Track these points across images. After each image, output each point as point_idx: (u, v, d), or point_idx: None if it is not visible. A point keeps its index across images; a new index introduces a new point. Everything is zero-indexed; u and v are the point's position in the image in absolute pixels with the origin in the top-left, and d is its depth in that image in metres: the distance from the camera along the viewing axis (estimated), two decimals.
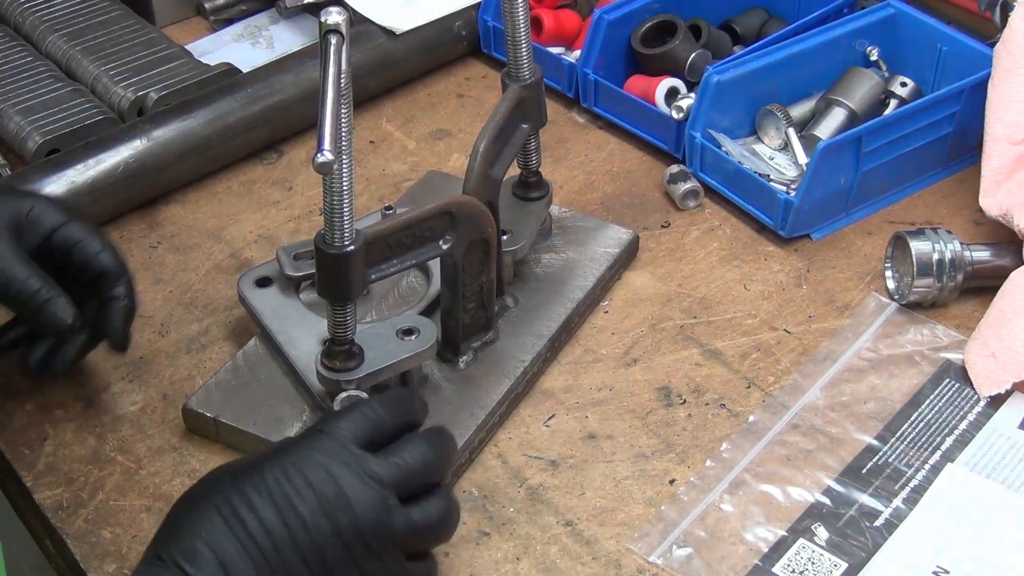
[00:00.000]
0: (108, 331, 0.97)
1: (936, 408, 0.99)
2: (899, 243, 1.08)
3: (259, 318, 1.03)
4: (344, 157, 0.85)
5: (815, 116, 1.22)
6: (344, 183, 0.86)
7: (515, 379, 1.00)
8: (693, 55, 1.24)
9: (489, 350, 1.03)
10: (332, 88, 0.81)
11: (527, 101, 1.04)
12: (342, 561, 0.79)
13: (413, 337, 0.97)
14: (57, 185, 1.14)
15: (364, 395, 0.92)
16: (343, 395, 0.93)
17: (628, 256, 1.13)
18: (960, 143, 1.19)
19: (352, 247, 0.88)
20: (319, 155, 0.79)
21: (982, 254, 1.07)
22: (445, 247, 0.95)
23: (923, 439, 0.97)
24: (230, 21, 1.45)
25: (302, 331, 1.01)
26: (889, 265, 1.10)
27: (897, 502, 0.93)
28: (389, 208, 1.08)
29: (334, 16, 0.82)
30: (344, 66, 0.83)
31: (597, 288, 1.09)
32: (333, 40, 0.82)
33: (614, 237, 1.13)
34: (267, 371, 1.00)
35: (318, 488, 0.79)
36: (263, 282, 1.05)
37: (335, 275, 0.89)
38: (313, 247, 1.02)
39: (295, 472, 0.79)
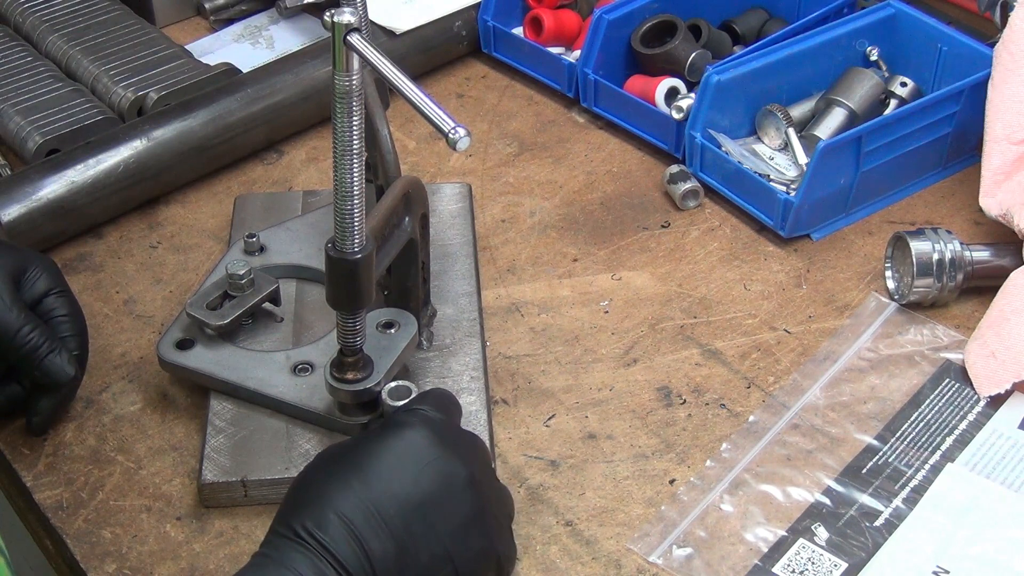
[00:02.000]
0: (37, 408, 0.98)
1: (936, 408, 0.99)
2: (899, 243, 1.08)
3: (214, 376, 0.99)
4: (355, 160, 0.84)
5: (815, 116, 1.22)
6: (355, 187, 0.85)
7: (481, 337, 1.03)
8: (693, 55, 1.24)
9: (436, 322, 1.04)
10: (403, 75, 0.79)
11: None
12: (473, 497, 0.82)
13: (394, 329, 0.97)
14: (57, 185, 1.14)
15: (412, 385, 0.93)
16: (391, 385, 0.92)
17: (472, 204, 1.17)
18: (960, 143, 1.20)
19: (365, 252, 0.87)
20: (452, 133, 0.78)
21: (982, 254, 1.07)
22: (408, 228, 0.95)
23: (923, 439, 0.97)
24: (230, 21, 1.45)
25: (266, 370, 0.99)
26: (889, 265, 1.10)
27: (897, 502, 0.93)
28: (252, 235, 1.09)
29: (347, 16, 0.79)
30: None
31: (475, 237, 1.14)
32: (357, 38, 0.80)
33: (452, 193, 1.17)
34: (252, 420, 0.98)
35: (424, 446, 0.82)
36: (184, 344, 1.01)
37: (351, 282, 0.88)
38: (215, 285, 1.03)
39: (403, 438, 0.82)
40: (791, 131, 1.20)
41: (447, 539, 0.80)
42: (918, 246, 1.06)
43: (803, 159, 1.19)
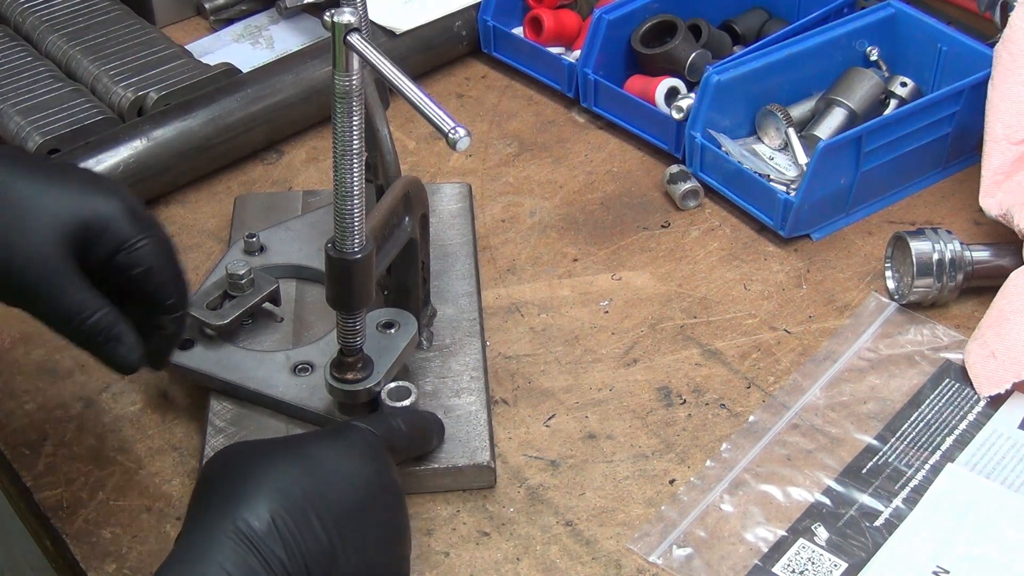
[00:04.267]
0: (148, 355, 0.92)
1: (936, 408, 1.00)
2: (899, 243, 1.08)
3: (214, 376, 0.99)
4: (355, 160, 0.84)
5: (815, 116, 1.22)
6: (355, 186, 0.84)
7: (481, 337, 1.03)
8: (693, 55, 1.24)
9: (436, 322, 1.04)
10: (403, 75, 0.78)
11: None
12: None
13: (394, 329, 0.97)
14: None
15: (411, 385, 0.93)
16: (391, 385, 0.93)
17: (472, 204, 1.17)
18: (960, 143, 1.20)
19: (365, 251, 0.87)
20: (452, 133, 0.77)
21: (982, 254, 1.07)
22: (408, 228, 0.95)
23: (923, 439, 0.97)
24: (230, 21, 1.45)
25: (267, 370, 0.99)
26: (889, 265, 1.10)
27: (897, 502, 0.93)
28: (252, 235, 1.08)
29: (347, 16, 0.79)
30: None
31: (475, 237, 1.14)
32: (357, 38, 0.80)
33: (452, 193, 1.17)
34: (251, 420, 0.97)
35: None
36: (184, 344, 1.00)
37: (351, 282, 0.87)
38: (216, 285, 1.02)
39: (350, 444, 0.82)
40: (791, 131, 1.21)
41: (375, 552, 0.79)
42: (918, 246, 1.06)
43: (803, 159, 1.19)
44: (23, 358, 1.06)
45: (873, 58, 1.25)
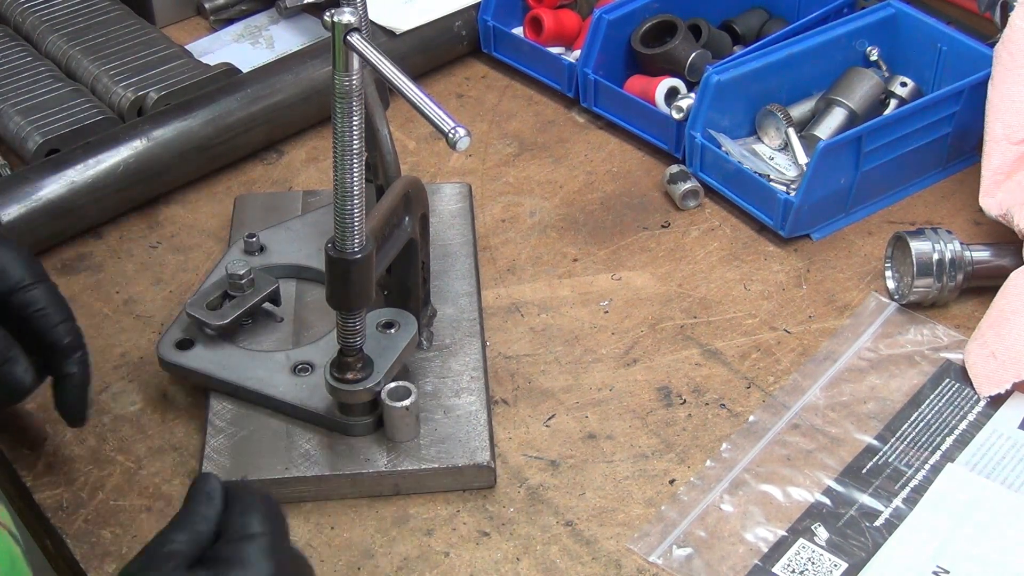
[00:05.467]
0: (61, 408, 0.94)
1: (936, 408, 1.00)
2: (899, 243, 1.08)
3: (214, 376, 0.99)
4: (355, 160, 0.84)
5: (815, 116, 1.22)
6: (355, 186, 0.85)
7: (481, 337, 1.03)
8: (693, 55, 1.24)
9: (437, 322, 1.04)
10: (403, 75, 0.78)
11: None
12: None
13: (394, 329, 0.97)
14: (57, 185, 1.14)
15: (411, 385, 0.93)
16: (391, 385, 0.93)
17: (472, 204, 1.17)
18: (960, 143, 1.20)
19: (365, 251, 0.87)
20: (452, 133, 0.77)
21: (982, 254, 1.07)
22: (408, 228, 0.95)
23: (923, 439, 0.97)
24: (230, 21, 1.45)
25: (266, 370, 0.99)
26: (889, 265, 1.10)
27: (897, 502, 0.93)
28: (252, 235, 1.08)
29: (347, 16, 0.79)
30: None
31: (475, 237, 1.14)
32: (357, 38, 0.80)
33: (452, 193, 1.17)
34: (251, 420, 0.97)
35: None
36: (184, 344, 1.01)
37: (351, 282, 0.87)
38: (215, 285, 1.02)
39: None
40: (791, 131, 1.21)
41: None
42: (918, 246, 1.06)
43: (803, 159, 1.19)
44: None
45: (873, 58, 1.25)
